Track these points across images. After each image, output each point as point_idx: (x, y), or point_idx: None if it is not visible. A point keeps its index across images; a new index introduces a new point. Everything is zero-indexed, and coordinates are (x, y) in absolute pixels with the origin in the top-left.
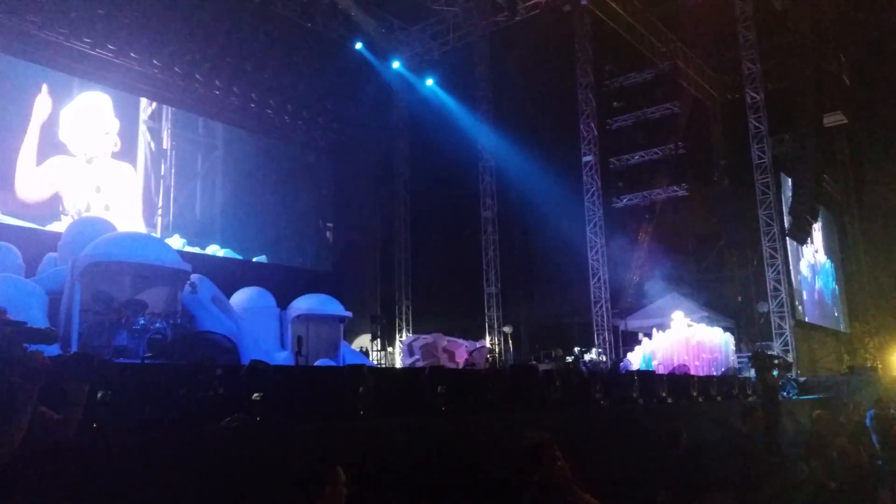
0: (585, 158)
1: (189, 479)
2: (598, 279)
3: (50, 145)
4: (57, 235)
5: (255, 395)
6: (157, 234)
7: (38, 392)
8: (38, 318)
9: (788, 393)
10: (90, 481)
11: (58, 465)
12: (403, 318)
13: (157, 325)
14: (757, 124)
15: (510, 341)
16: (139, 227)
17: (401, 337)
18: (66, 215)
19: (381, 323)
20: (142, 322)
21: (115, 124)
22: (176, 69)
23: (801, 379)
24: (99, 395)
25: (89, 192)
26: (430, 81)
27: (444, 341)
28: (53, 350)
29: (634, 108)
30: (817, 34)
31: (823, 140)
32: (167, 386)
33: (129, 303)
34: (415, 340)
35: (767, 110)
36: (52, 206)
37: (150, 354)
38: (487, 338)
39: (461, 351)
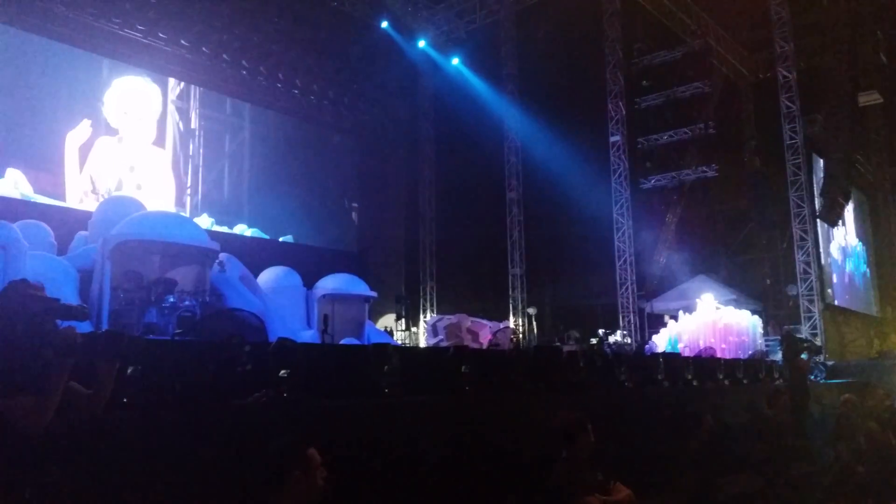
0: (613, 138)
1: (218, 453)
2: (625, 261)
3: (75, 124)
4: (87, 214)
5: (283, 371)
6: (186, 214)
7: (69, 368)
8: (70, 296)
9: (816, 377)
10: (120, 456)
11: (89, 440)
12: (428, 298)
13: (187, 302)
14: (789, 104)
15: (534, 323)
16: (169, 206)
17: (425, 317)
18: (97, 194)
19: (406, 303)
20: (171, 300)
21: (158, 111)
22: (204, 49)
23: (830, 363)
24: (129, 370)
25: (123, 172)
26: (455, 60)
27: (468, 322)
28: (85, 327)
29: (664, 86)
30: (852, 11)
31: (857, 120)
32: (197, 362)
33: (159, 281)
34: (439, 321)
35: (800, 89)
36: (85, 186)
37: (179, 331)
38: (511, 319)
39: (485, 332)
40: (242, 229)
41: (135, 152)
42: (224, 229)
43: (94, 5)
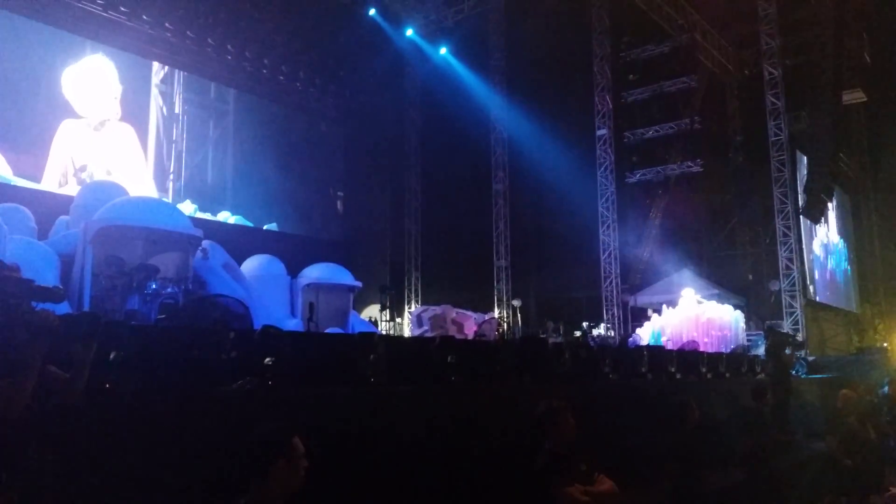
0: (600, 132)
1: (201, 440)
2: (609, 254)
3: (58, 108)
4: (69, 199)
5: (268, 359)
6: (169, 200)
7: (45, 350)
8: (51, 281)
9: (798, 372)
10: (102, 441)
11: (68, 425)
12: (412, 289)
13: (169, 289)
14: (774, 100)
15: (519, 314)
16: (151, 192)
17: (409, 308)
18: (76, 178)
19: (391, 293)
20: (153, 286)
21: (119, 89)
22: (188, 33)
23: (811, 358)
24: (111, 355)
25: (96, 157)
26: (443, 50)
27: (453, 313)
28: (62, 309)
29: (650, 81)
30: (839, 10)
31: (841, 118)
32: (180, 348)
33: (141, 267)
34: (424, 311)
35: (785, 86)
36: (63, 170)
37: (162, 317)
38: (496, 311)
39: (470, 323)
40: (226, 216)
41: (101, 135)
42: (207, 216)
43: None
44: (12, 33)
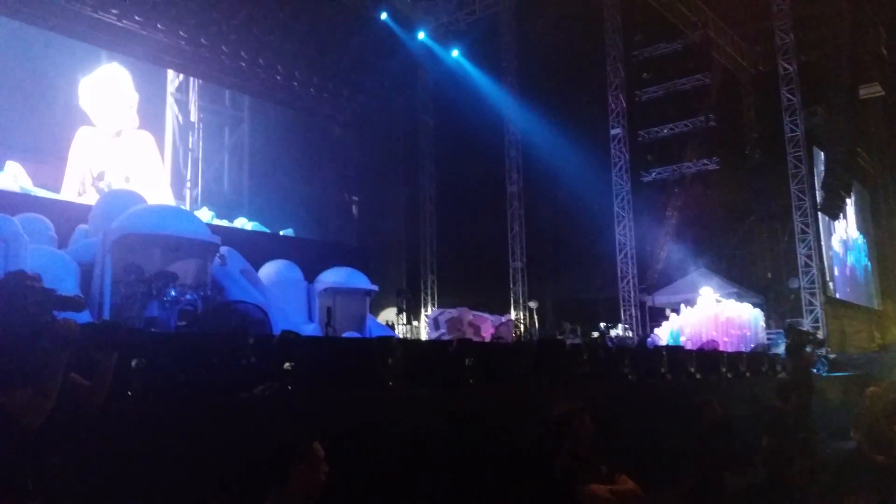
0: (614, 131)
1: (222, 446)
2: (626, 254)
3: (75, 117)
4: (87, 208)
5: (287, 364)
6: (187, 207)
7: (67, 359)
8: (71, 290)
9: (819, 370)
10: (124, 447)
11: (90, 432)
12: (429, 292)
13: (188, 296)
14: (790, 96)
15: (536, 316)
16: (168, 199)
17: (426, 311)
18: (94, 187)
19: (407, 297)
20: (172, 294)
21: (135, 98)
22: (202, 41)
23: (832, 356)
24: (133, 363)
25: (114, 165)
26: (455, 52)
27: (470, 315)
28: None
29: (664, 79)
30: (853, 3)
31: (858, 113)
32: (201, 354)
33: (160, 274)
34: (440, 314)
35: (801, 82)
36: (82, 178)
37: (182, 324)
38: (513, 312)
39: (486, 325)
40: (243, 223)
41: (119, 143)
42: (224, 223)
43: None
44: (28, 44)
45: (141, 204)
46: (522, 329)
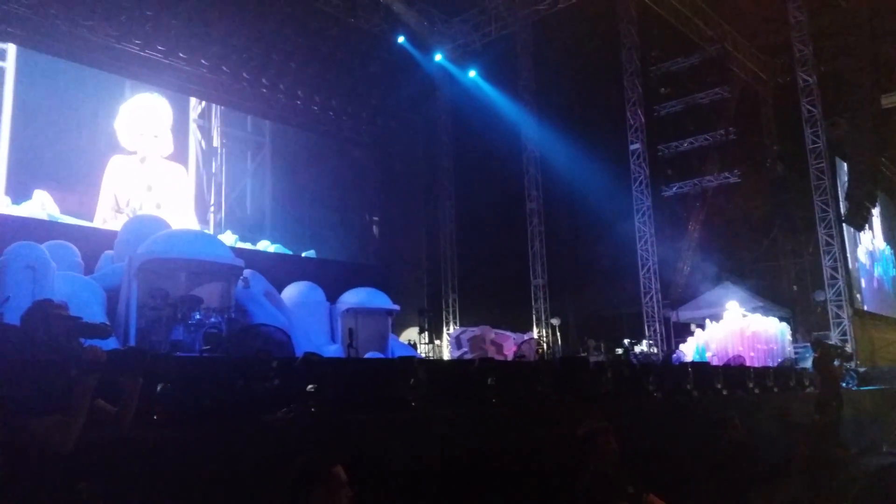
0: (633, 146)
1: (247, 469)
2: (648, 269)
3: (102, 146)
4: (113, 233)
5: (310, 386)
6: (210, 231)
7: (94, 386)
8: (97, 315)
9: (848, 384)
10: (149, 472)
11: (118, 457)
12: (450, 310)
13: (213, 319)
14: (810, 108)
15: (558, 333)
16: (192, 224)
17: (448, 329)
18: (121, 213)
19: (429, 316)
20: (197, 317)
21: (169, 125)
22: (224, 68)
23: (861, 369)
24: (159, 388)
25: (141, 191)
26: (472, 73)
27: (492, 334)
28: (110, 344)
29: (682, 93)
30: (872, 10)
31: (881, 122)
32: (225, 378)
33: (185, 298)
34: (462, 333)
35: (821, 93)
36: (114, 204)
37: (206, 347)
38: (535, 330)
39: (509, 343)
40: (265, 245)
41: (152, 171)
42: (247, 246)
43: (116, 28)
44: (54, 76)
45: (165, 229)
46: (545, 347)
